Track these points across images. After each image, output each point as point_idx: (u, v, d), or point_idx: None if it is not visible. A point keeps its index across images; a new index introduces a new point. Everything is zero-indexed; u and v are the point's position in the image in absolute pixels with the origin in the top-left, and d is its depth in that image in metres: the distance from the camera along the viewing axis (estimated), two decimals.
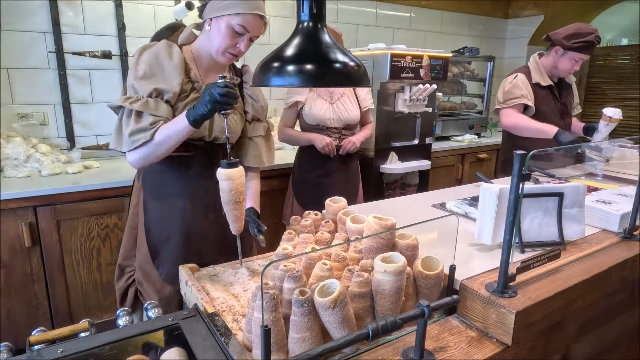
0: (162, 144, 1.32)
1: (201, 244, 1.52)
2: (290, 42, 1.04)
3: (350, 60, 1.02)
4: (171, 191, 1.49)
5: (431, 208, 1.71)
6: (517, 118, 2.34)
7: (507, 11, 4.67)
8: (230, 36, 1.37)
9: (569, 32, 2.27)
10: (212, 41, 1.40)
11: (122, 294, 1.56)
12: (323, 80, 1.03)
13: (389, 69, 2.73)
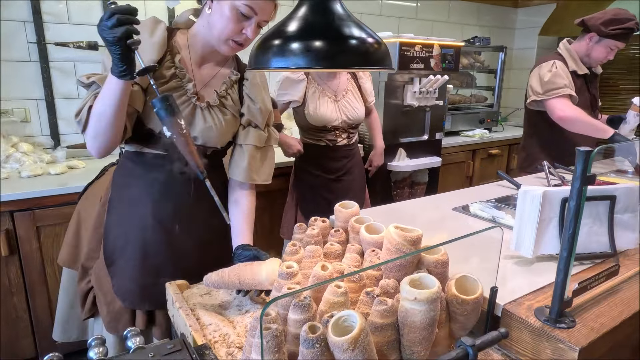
0: (102, 115, 1.06)
1: (161, 260, 1.28)
2: (294, 14, 0.84)
3: (369, 36, 0.83)
4: (134, 194, 1.26)
5: (453, 212, 1.51)
6: (575, 111, 2.10)
7: (517, 0, 4.46)
8: (235, 19, 1.14)
9: (607, 18, 2.07)
10: (213, 27, 1.17)
11: (82, 297, 1.35)
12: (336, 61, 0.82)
13: (398, 58, 2.53)
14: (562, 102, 2.11)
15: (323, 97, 2.12)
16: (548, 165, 1.88)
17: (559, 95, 2.10)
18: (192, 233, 1.31)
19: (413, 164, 2.83)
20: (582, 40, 2.19)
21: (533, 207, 1.06)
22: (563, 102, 2.11)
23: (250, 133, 1.30)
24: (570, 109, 2.10)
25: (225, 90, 1.26)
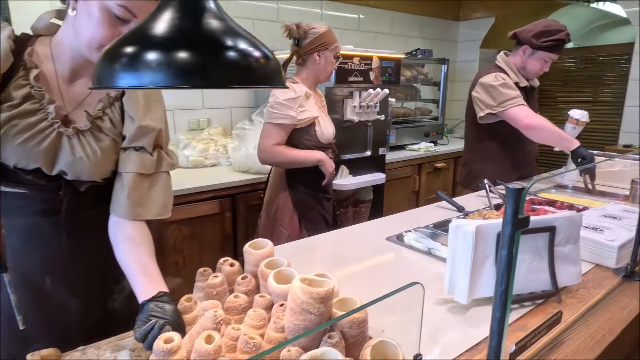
0: None
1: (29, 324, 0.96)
2: (154, 16, 0.65)
3: (254, 47, 0.65)
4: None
5: (386, 243, 1.36)
6: (540, 119, 2.03)
7: (458, 13, 4.51)
8: (107, 23, 0.91)
9: (538, 30, 2.03)
10: (80, 32, 0.94)
11: None
12: (208, 78, 0.63)
13: (335, 71, 2.39)
14: (524, 110, 2.02)
15: (321, 112, 2.00)
16: (489, 183, 1.79)
17: (516, 105, 2.02)
18: (69, 286, 1.06)
19: (356, 182, 2.68)
20: (516, 53, 2.14)
21: (465, 245, 0.91)
22: (524, 110, 2.02)
23: (130, 158, 1.04)
24: (534, 116, 2.02)
25: (101, 110, 1.02)
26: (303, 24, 1.91)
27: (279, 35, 3.19)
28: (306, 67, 1.94)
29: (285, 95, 1.82)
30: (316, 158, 1.92)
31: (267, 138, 1.89)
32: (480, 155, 2.31)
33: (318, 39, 1.88)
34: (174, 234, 2.20)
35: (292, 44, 1.93)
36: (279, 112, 1.85)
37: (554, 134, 2.00)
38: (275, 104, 1.84)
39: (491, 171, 2.24)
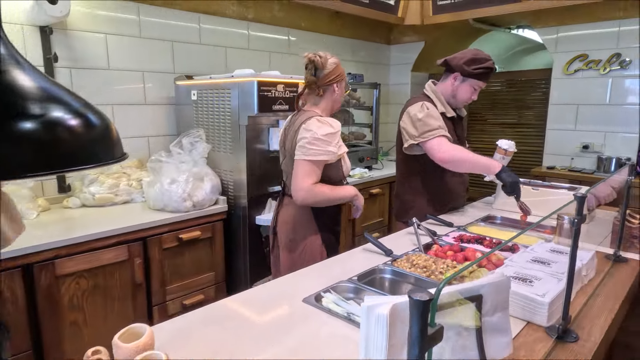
0: None
1: None
2: None
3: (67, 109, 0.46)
4: None
5: (303, 305, 1.18)
6: (455, 150, 1.94)
7: (389, 37, 4.54)
8: None
9: (468, 57, 2.01)
10: None
11: None
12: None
13: (257, 99, 2.22)
14: (440, 143, 1.95)
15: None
16: (417, 222, 1.68)
17: (436, 136, 1.96)
18: None
19: None
20: (446, 81, 2.10)
21: (379, 329, 0.76)
22: (441, 142, 1.96)
23: None
24: (450, 148, 1.95)
25: None
26: (320, 54, 1.83)
27: (200, 58, 3.00)
28: (325, 98, 1.86)
29: (324, 130, 1.72)
30: (351, 194, 1.88)
31: (307, 177, 1.73)
32: (410, 187, 2.23)
33: (335, 70, 1.84)
34: (70, 289, 1.88)
35: (310, 74, 1.83)
36: (318, 148, 1.71)
37: (471, 163, 1.93)
38: (314, 140, 1.71)
39: (421, 203, 2.17)
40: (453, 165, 1.95)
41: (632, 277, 1.43)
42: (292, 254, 1.89)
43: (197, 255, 2.34)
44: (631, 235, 1.61)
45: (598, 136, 3.47)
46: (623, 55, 3.28)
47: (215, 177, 2.43)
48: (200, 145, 2.43)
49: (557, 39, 3.59)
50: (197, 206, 2.30)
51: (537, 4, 3.19)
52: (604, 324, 1.09)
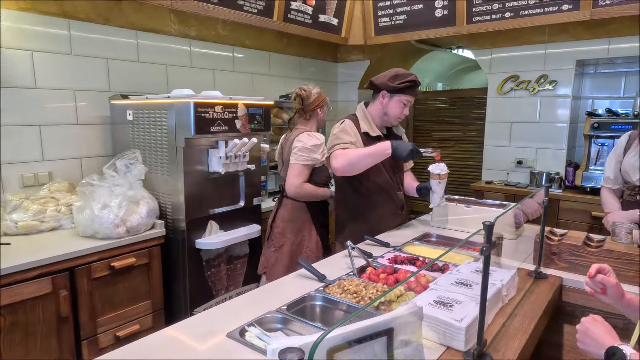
0: None
1: None
2: None
3: None
4: None
5: (226, 342, 1.14)
6: (346, 154, 1.99)
7: (337, 55, 4.62)
8: None
9: (391, 75, 2.10)
10: None
11: None
12: None
13: (194, 121, 2.18)
14: (336, 154, 2.02)
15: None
16: (351, 245, 1.69)
17: (338, 149, 2.03)
18: None
19: (227, 238, 2.45)
20: (376, 101, 2.17)
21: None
22: (337, 152, 2.02)
23: None
24: (341, 156, 1.99)
25: None
26: (304, 87, 2.39)
27: (138, 76, 2.90)
28: (311, 119, 2.42)
29: (312, 142, 2.27)
30: (327, 194, 2.42)
31: (297, 177, 2.27)
32: (345, 208, 2.28)
33: (318, 98, 2.39)
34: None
35: (298, 104, 2.38)
36: (307, 155, 2.25)
37: (363, 156, 1.98)
38: (304, 149, 2.25)
39: (355, 224, 2.22)
40: (351, 168, 2.00)
41: (551, 293, 1.50)
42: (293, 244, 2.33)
43: (132, 283, 2.23)
44: (551, 252, 1.69)
45: (530, 152, 3.68)
46: (550, 76, 3.52)
47: (152, 200, 2.35)
48: (136, 168, 2.34)
49: (491, 60, 3.79)
50: (131, 231, 2.20)
51: (469, 28, 3.36)
52: (518, 346, 1.13)
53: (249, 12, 3.04)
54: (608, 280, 1.12)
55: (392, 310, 0.99)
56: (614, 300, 1.14)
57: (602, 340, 0.95)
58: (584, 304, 1.59)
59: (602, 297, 1.15)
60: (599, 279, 1.12)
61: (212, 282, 2.50)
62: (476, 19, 3.30)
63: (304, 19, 3.46)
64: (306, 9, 3.46)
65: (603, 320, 1.02)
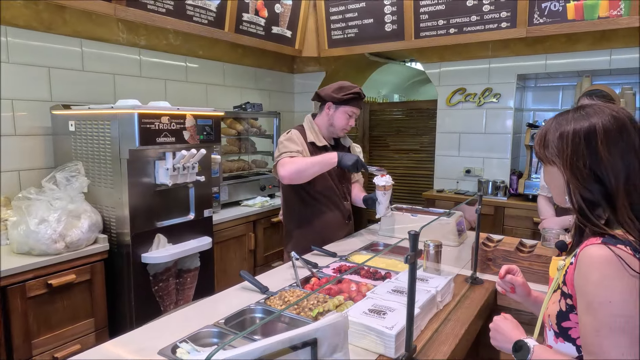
0: None
1: None
2: None
3: None
4: None
5: (157, 358, 1.12)
6: (293, 162, 2.03)
7: (293, 66, 4.66)
8: None
9: (336, 87, 2.16)
10: None
11: None
12: None
13: (138, 132, 2.13)
14: (283, 162, 2.04)
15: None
16: (295, 256, 1.70)
17: (285, 157, 2.05)
18: None
19: (175, 251, 2.40)
20: (322, 112, 2.23)
21: None
22: (283, 161, 2.05)
23: None
24: (288, 164, 2.03)
25: None
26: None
27: (83, 85, 2.81)
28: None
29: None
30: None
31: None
32: (291, 218, 2.30)
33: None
34: None
35: None
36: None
37: (310, 165, 2.01)
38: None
39: (301, 234, 2.24)
40: (298, 175, 2.03)
41: (485, 298, 1.57)
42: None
43: (72, 301, 2.14)
44: (487, 258, 1.77)
45: (478, 161, 3.84)
46: (494, 89, 3.70)
47: (95, 214, 2.26)
48: (77, 180, 2.25)
49: (440, 73, 3.94)
50: (71, 247, 2.12)
51: (417, 42, 3.49)
52: (447, 350, 1.17)
53: (198, 23, 3.01)
54: (516, 279, 1.19)
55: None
56: (522, 298, 1.21)
57: (510, 335, 1.02)
58: (517, 307, 1.66)
59: (512, 296, 1.23)
60: (508, 279, 1.20)
61: (160, 298, 2.43)
62: (423, 34, 3.43)
63: (256, 30, 3.48)
64: (259, 21, 3.48)
65: (512, 318, 1.08)
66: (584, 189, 0.92)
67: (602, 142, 0.90)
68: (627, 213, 0.88)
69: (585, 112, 0.95)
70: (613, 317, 0.82)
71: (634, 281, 0.82)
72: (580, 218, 0.94)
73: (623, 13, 2.71)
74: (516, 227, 3.41)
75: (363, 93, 2.19)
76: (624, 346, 0.82)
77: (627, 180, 0.89)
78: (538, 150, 1.02)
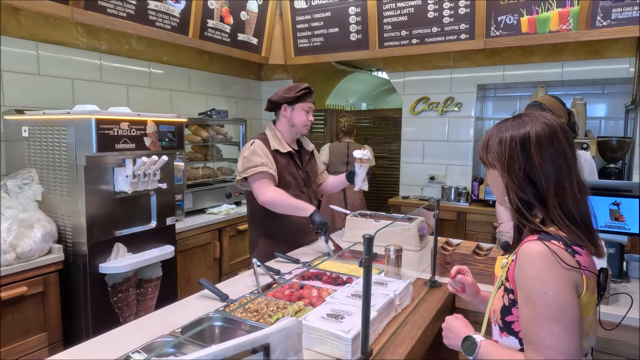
0: None
1: None
2: None
3: None
4: None
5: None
6: (274, 192, 2.09)
7: (260, 74, 4.66)
8: None
9: (285, 89, 2.23)
10: None
11: None
12: None
13: (96, 138, 2.07)
14: (262, 186, 2.10)
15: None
16: (257, 263, 1.69)
17: (259, 178, 2.10)
18: None
19: (135, 261, 2.33)
20: (280, 116, 2.25)
21: None
22: (264, 185, 2.10)
23: None
24: (270, 191, 2.09)
25: None
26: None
27: (39, 90, 2.71)
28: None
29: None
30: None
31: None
32: (255, 225, 2.30)
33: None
34: None
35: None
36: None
37: (288, 206, 2.10)
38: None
39: (265, 241, 2.24)
40: (273, 208, 2.11)
41: (442, 300, 1.60)
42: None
43: (23, 314, 2.04)
44: (445, 261, 1.82)
45: (441, 168, 3.94)
46: (455, 99, 3.81)
47: (49, 223, 2.18)
48: (30, 188, 2.17)
49: (404, 82, 4.04)
50: (22, 258, 2.02)
51: (381, 52, 3.57)
52: (403, 352, 1.20)
53: (161, 28, 2.98)
54: (466, 279, 1.24)
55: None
56: (471, 297, 1.26)
57: (460, 333, 1.05)
58: (475, 309, 1.71)
59: (462, 295, 1.27)
60: (458, 279, 1.24)
61: (119, 309, 2.35)
62: (387, 43, 3.51)
63: (221, 37, 3.46)
64: (224, 28, 3.46)
65: (463, 318, 1.12)
66: (520, 190, 0.97)
67: (535, 148, 0.95)
68: (557, 212, 0.94)
69: (522, 120, 1.01)
70: (548, 307, 0.88)
71: (566, 273, 0.88)
72: (518, 217, 0.99)
73: (572, 28, 2.86)
74: (478, 232, 3.52)
75: (312, 88, 2.25)
76: (558, 333, 0.87)
77: (557, 183, 0.95)
78: (482, 155, 1.07)
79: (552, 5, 2.89)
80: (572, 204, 0.96)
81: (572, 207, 0.96)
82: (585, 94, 3.54)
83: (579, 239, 0.95)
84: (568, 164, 0.97)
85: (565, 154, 0.97)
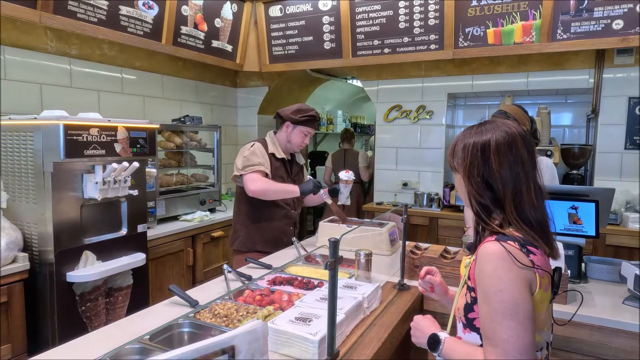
0: None
1: None
2: None
3: None
4: None
5: None
6: (264, 182, 2.28)
7: (236, 81, 4.66)
8: None
9: (295, 109, 2.37)
10: None
11: None
12: None
13: (64, 144, 2.04)
14: (253, 177, 2.25)
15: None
16: (228, 268, 1.69)
17: (252, 171, 2.26)
18: None
19: (104, 269, 2.29)
20: (282, 129, 2.42)
21: None
22: (254, 176, 2.26)
23: None
24: (260, 182, 2.25)
25: None
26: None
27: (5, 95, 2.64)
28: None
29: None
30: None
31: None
32: (240, 216, 2.42)
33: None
34: None
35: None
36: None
37: (277, 191, 2.29)
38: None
39: (247, 233, 2.39)
40: (262, 195, 2.28)
41: (411, 302, 1.65)
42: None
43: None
44: (414, 265, 1.86)
45: (414, 175, 4.02)
46: (427, 107, 3.91)
47: (14, 230, 2.12)
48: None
49: (378, 90, 4.12)
50: None
51: (354, 60, 3.64)
52: (369, 353, 1.22)
53: (134, 34, 2.95)
54: (434, 279, 1.28)
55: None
56: (440, 296, 1.30)
57: (427, 331, 1.10)
58: (442, 311, 1.76)
59: (431, 295, 1.31)
60: (427, 279, 1.28)
61: (87, 319, 2.30)
62: (360, 52, 3.58)
63: (195, 43, 3.46)
64: (198, 34, 3.46)
65: (431, 317, 1.16)
66: (478, 195, 1.02)
67: (494, 154, 1.00)
68: (514, 216, 0.99)
69: (485, 128, 1.06)
70: (503, 304, 0.92)
71: (521, 272, 0.93)
72: (478, 220, 1.04)
73: (534, 40, 3.00)
74: (449, 237, 3.60)
75: (318, 115, 2.41)
76: (512, 328, 0.91)
77: (514, 188, 1.00)
78: (449, 159, 1.11)
79: (516, 18, 3.02)
80: (528, 208, 1.01)
81: (529, 211, 1.01)
82: (549, 103, 3.69)
83: (534, 240, 1.00)
84: (525, 170, 1.01)
85: (523, 161, 1.01)
